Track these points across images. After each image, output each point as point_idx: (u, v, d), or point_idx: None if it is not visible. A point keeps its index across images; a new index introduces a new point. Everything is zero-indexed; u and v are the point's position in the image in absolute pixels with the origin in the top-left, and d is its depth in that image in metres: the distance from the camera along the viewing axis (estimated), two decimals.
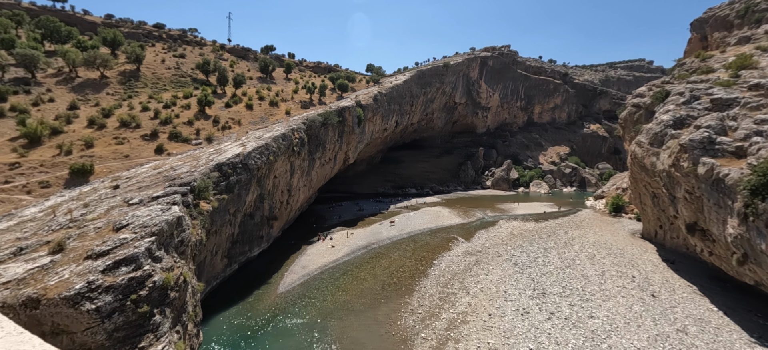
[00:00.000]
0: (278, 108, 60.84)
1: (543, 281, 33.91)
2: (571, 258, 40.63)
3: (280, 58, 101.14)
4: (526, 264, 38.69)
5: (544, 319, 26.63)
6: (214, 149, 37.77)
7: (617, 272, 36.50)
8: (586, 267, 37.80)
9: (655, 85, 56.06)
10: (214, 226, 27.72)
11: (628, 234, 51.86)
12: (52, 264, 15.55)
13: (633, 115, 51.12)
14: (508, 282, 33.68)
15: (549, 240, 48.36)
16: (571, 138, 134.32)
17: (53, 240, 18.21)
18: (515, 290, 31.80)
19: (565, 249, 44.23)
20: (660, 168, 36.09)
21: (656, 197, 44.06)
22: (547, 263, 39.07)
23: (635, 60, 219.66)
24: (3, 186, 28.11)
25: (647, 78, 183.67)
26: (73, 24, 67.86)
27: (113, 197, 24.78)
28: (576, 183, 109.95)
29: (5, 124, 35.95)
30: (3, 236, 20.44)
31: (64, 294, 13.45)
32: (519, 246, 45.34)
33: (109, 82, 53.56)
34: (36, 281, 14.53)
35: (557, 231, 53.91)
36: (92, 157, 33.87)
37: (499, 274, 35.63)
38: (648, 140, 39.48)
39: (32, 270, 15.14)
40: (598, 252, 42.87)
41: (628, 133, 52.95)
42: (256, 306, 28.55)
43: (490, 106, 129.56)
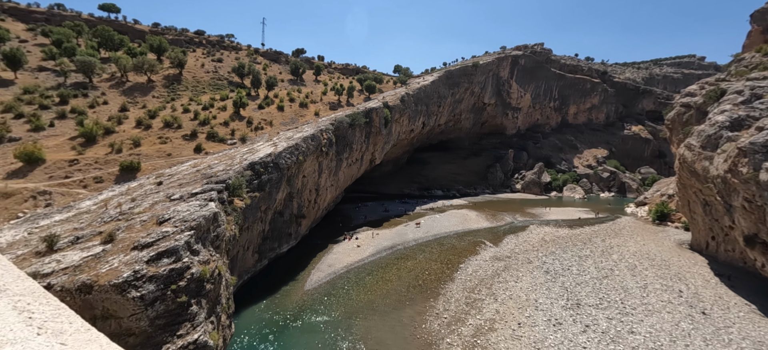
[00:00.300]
0: (308, 109, 62.44)
1: (578, 291, 32.12)
2: (609, 268, 38.18)
3: (310, 60, 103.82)
4: (559, 272, 36.85)
5: (578, 332, 25.19)
6: (247, 149, 39.41)
7: (662, 285, 33.79)
8: (626, 279, 35.34)
9: (708, 83, 51.44)
10: (246, 223, 28.88)
11: (674, 245, 47.89)
12: (103, 253, 16.91)
13: (682, 116, 47.17)
14: (540, 290, 32.23)
15: (584, 248, 45.78)
16: (609, 140, 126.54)
17: (105, 231, 19.78)
18: (547, 299, 30.36)
19: (602, 258, 41.66)
20: (714, 173, 32.98)
21: (708, 205, 40.31)
22: (582, 272, 36.97)
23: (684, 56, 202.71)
24: (63, 180, 31.02)
25: (698, 75, 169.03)
26: (124, 33, 73.73)
27: (157, 192, 26.54)
28: (615, 189, 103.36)
29: (66, 125, 39.70)
30: (63, 226, 22.53)
31: (113, 282, 14.56)
32: (551, 253, 43.30)
33: (154, 85, 57.60)
34: (89, 268, 15.86)
35: (594, 238, 50.91)
36: (139, 155, 36.52)
37: (530, 282, 34.20)
38: (700, 143, 36.24)
39: (87, 258, 16.54)
40: (639, 263, 39.94)
41: (675, 135, 48.92)
42: (284, 301, 29.39)
43: (521, 106, 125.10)
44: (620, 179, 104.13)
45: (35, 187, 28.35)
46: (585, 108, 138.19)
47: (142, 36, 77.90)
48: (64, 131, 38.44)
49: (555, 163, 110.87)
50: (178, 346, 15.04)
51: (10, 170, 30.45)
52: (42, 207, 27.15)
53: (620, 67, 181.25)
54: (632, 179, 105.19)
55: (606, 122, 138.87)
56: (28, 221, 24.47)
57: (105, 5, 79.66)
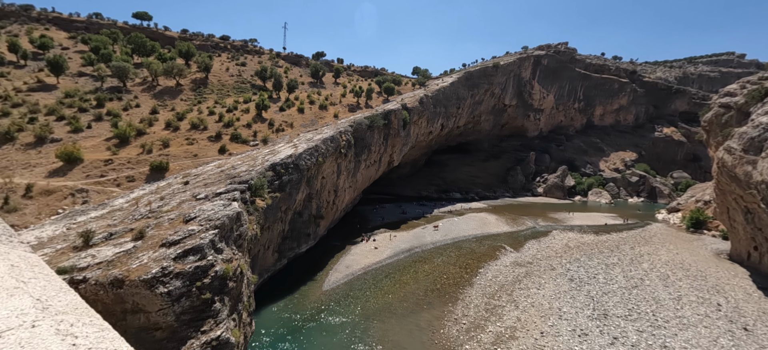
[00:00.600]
0: (327, 111, 63.23)
1: (604, 301, 30.69)
2: (638, 278, 36.28)
3: (330, 63, 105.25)
4: (584, 280, 35.37)
5: (605, 344, 24.03)
6: (269, 150, 40.34)
7: (698, 297, 31.73)
8: (658, 289, 33.45)
9: (749, 82, 48.15)
10: (267, 222, 29.50)
11: (711, 255, 44.98)
12: (134, 249, 17.69)
13: (721, 117, 44.32)
14: (563, 298, 31.04)
15: (612, 256, 43.77)
16: (638, 142, 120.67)
17: (136, 228, 20.71)
18: (571, 308, 29.18)
19: (631, 267, 39.67)
20: (758, 178, 30.72)
21: (750, 213, 37.57)
22: (609, 281, 35.32)
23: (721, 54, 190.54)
24: (99, 179, 32.84)
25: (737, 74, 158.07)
26: (156, 39, 77.48)
27: (183, 192, 27.58)
28: (644, 194, 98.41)
29: (102, 127, 42.07)
30: (98, 222, 23.79)
31: (142, 277, 15.19)
32: (576, 261, 41.66)
33: (182, 89, 60.10)
34: (121, 263, 16.63)
35: (622, 245, 48.61)
36: (168, 155, 38.14)
37: (553, 289, 33.00)
38: (741, 146, 33.88)
39: (119, 254, 17.36)
40: (672, 273, 37.73)
41: (713, 138, 46.01)
42: (302, 301, 29.78)
43: (544, 107, 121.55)
44: (650, 184, 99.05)
45: (74, 185, 30.15)
46: (612, 109, 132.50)
47: (171, 42, 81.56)
48: (100, 132, 40.75)
49: (579, 166, 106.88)
50: (201, 342, 15.49)
51: (52, 169, 32.55)
52: (79, 204, 28.83)
53: (651, 66, 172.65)
54: (664, 184, 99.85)
55: (635, 124, 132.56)
56: (67, 217, 26.03)
57: (138, 13, 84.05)
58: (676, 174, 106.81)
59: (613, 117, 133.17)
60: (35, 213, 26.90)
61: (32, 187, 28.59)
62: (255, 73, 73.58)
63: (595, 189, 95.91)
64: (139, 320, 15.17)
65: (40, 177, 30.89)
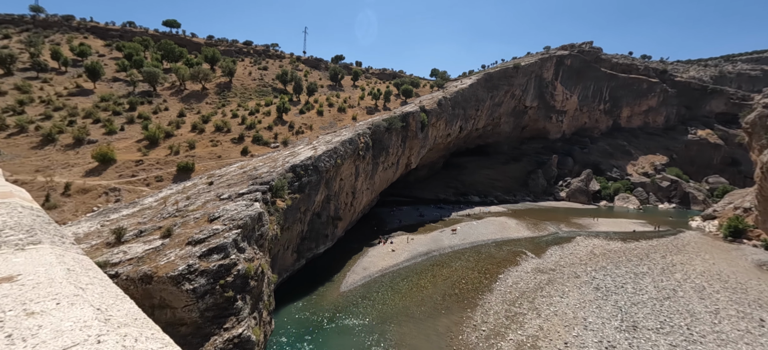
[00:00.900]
0: (346, 114, 63.82)
1: (633, 312, 29.20)
2: (671, 289, 34.33)
3: (349, 66, 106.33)
4: (611, 289, 33.82)
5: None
6: (289, 152, 41.11)
7: (737, 312, 29.64)
8: (693, 302, 31.50)
9: None
10: (286, 223, 30.02)
11: (752, 266, 41.99)
12: (162, 247, 18.42)
13: (765, 119, 41.40)
14: (589, 308, 29.78)
15: (641, 265, 41.67)
16: (669, 145, 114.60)
17: (164, 226, 21.57)
18: (597, 318, 27.95)
19: (662, 277, 37.60)
20: None
21: None
22: (638, 291, 33.61)
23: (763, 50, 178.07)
24: (130, 179, 34.50)
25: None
26: (184, 45, 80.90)
27: (208, 192, 28.51)
28: (676, 200, 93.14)
29: (134, 129, 44.24)
30: (129, 220, 24.95)
31: (170, 274, 15.77)
32: (602, 269, 39.93)
33: (208, 93, 62.36)
34: (150, 260, 17.35)
35: (652, 254, 46.20)
36: (194, 156, 39.60)
37: (577, 298, 31.74)
38: None
39: (148, 251, 18.12)
40: (709, 285, 35.47)
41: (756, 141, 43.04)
42: (320, 302, 30.04)
43: (567, 109, 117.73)
44: (683, 189, 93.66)
45: (107, 184, 31.82)
46: (640, 110, 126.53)
47: (198, 48, 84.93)
48: (132, 134, 42.87)
49: (605, 170, 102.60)
50: (224, 339, 15.89)
51: (88, 168, 34.51)
52: (112, 202, 30.39)
53: (683, 65, 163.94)
54: (698, 189, 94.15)
55: (665, 126, 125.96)
56: (101, 214, 27.47)
57: (168, 21, 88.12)
58: (711, 179, 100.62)
59: (641, 118, 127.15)
60: (73, 211, 28.57)
61: (70, 186, 30.40)
62: (276, 76, 75.37)
63: (622, 195, 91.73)
64: (165, 315, 15.75)
65: (78, 176, 32.80)
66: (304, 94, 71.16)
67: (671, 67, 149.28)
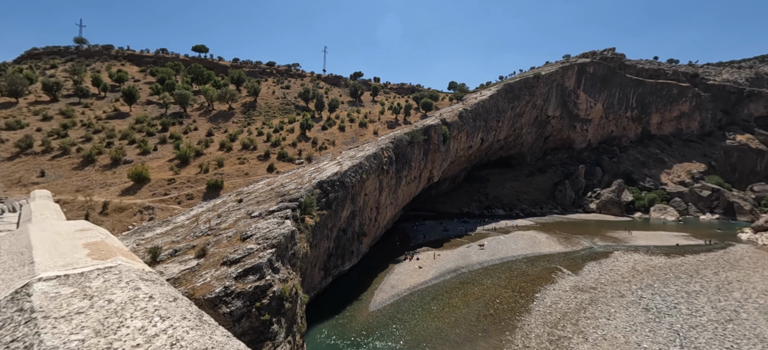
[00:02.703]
0: (367, 128, 63.95)
1: (693, 336, 26.50)
2: (732, 310, 31.14)
3: (368, 82, 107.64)
4: (662, 311, 31.05)
5: None
6: (314, 168, 41.13)
7: None
8: (761, 325, 28.34)
9: None
10: (315, 240, 29.55)
11: None
12: (197, 267, 18.22)
13: None
14: (641, 332, 27.29)
15: (692, 282, 38.34)
16: (707, 152, 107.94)
17: (197, 245, 21.50)
18: (653, 343, 25.49)
19: (718, 296, 34.30)
20: None
21: None
22: (694, 313, 30.67)
23: None
24: (163, 197, 35.27)
25: None
26: (211, 68, 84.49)
27: (238, 209, 28.57)
28: (719, 210, 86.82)
29: (166, 148, 45.72)
30: (163, 239, 25.15)
31: (207, 296, 15.40)
32: (648, 287, 36.98)
33: (234, 112, 64.22)
34: (187, 281, 17.11)
35: (702, 270, 42.57)
36: (222, 174, 40.28)
37: (626, 320, 29.25)
38: None
39: (184, 271, 17.94)
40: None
41: None
42: (350, 322, 29.07)
43: (591, 117, 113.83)
44: (726, 198, 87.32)
45: (142, 203, 32.61)
46: (672, 116, 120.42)
47: (225, 70, 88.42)
48: (164, 154, 44.27)
49: (637, 180, 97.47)
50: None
51: (124, 188, 35.62)
52: (146, 221, 31.01)
53: (715, 68, 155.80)
54: (743, 198, 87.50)
55: (701, 132, 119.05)
56: (136, 233, 27.98)
57: (197, 47, 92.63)
58: (757, 187, 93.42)
59: (673, 125, 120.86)
60: (110, 228, 29.26)
61: (108, 205, 31.32)
62: (298, 94, 76.99)
63: (658, 205, 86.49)
64: None
65: (115, 195, 33.85)
66: (325, 111, 72.10)
67: (702, 71, 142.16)
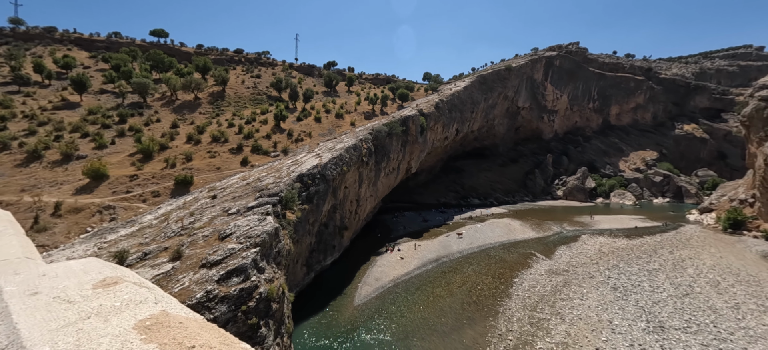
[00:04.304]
0: (344, 120, 62.63)
1: (657, 311, 28.65)
2: (687, 285, 34.04)
3: (342, 72, 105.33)
4: (628, 289, 33.31)
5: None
6: (292, 161, 39.58)
7: (758, 306, 29.42)
8: (712, 297, 31.20)
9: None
10: (297, 235, 28.49)
11: (758, 257, 42.29)
12: (173, 271, 16.77)
13: (761, 111, 42.06)
14: (611, 309, 29.10)
15: (651, 261, 41.48)
16: (659, 141, 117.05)
17: (170, 246, 19.87)
18: (622, 320, 27.25)
19: (675, 273, 37.39)
20: None
21: None
22: (656, 289, 33.19)
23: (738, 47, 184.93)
24: (125, 195, 32.40)
25: (758, 67, 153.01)
26: (173, 55, 78.50)
27: (213, 206, 26.80)
28: (670, 194, 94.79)
29: (126, 142, 41.98)
30: (129, 241, 23.06)
31: (187, 303, 14.17)
32: (614, 267, 39.54)
33: (201, 102, 60.24)
34: (162, 287, 15.68)
35: (659, 250, 46.19)
36: (191, 169, 37.69)
37: (597, 299, 31.06)
38: None
39: (158, 276, 16.45)
40: (722, 279, 35.35)
41: (755, 133, 43.68)
42: (336, 317, 28.51)
43: (558, 109, 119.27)
44: (676, 183, 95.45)
45: (101, 202, 29.72)
46: (629, 108, 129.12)
47: (188, 57, 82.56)
48: (124, 148, 40.63)
49: (599, 168, 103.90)
50: None
51: (78, 186, 32.27)
52: (107, 222, 28.32)
53: (665, 63, 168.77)
54: (689, 183, 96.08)
55: (654, 122, 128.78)
56: (97, 235, 25.45)
57: (155, 31, 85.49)
58: (701, 172, 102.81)
59: (630, 116, 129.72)
60: (64, 232, 26.43)
61: (61, 206, 28.22)
62: (270, 84, 73.68)
63: (617, 191, 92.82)
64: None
65: (68, 194, 30.58)
66: (300, 101, 69.68)
67: (655, 65, 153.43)
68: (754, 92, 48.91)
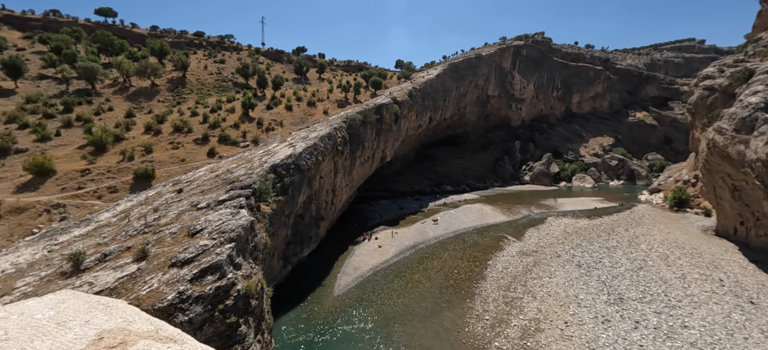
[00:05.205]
0: (316, 108, 60.92)
1: (616, 284, 31.04)
2: (641, 259, 37.16)
3: (312, 58, 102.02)
4: (591, 265, 35.77)
5: (629, 329, 24.10)
6: (263, 151, 37.92)
7: (700, 275, 32.78)
8: (662, 269, 34.31)
9: (726, 65, 50.38)
10: (272, 228, 27.50)
11: (699, 232, 46.96)
12: (139, 272, 15.50)
13: (705, 99, 46.09)
14: (577, 285, 31.13)
15: (610, 239, 44.77)
16: (615, 128, 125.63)
17: (134, 246, 18.36)
18: (587, 295, 29.26)
19: (631, 249, 40.65)
20: (752, 157, 31.88)
21: (737, 190, 39.32)
22: (614, 264, 35.93)
23: (683, 40, 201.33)
24: (76, 192, 29.51)
25: (699, 59, 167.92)
26: (123, 37, 71.66)
27: (179, 201, 25.08)
28: (624, 177, 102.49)
29: (74, 133, 38.05)
30: (85, 242, 21.07)
31: (157, 305, 13.18)
32: (578, 246, 42.24)
33: (159, 89, 55.81)
34: (127, 290, 14.46)
35: (616, 228, 49.93)
36: (152, 161, 35.01)
37: (564, 277, 33.09)
38: (733, 126, 35.13)
39: (122, 279, 15.13)
40: (670, 252, 38.95)
41: (699, 120, 47.87)
42: (316, 309, 28.12)
43: (525, 97, 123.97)
44: (629, 167, 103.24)
45: (49, 200, 26.85)
46: (589, 96, 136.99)
47: (141, 40, 75.84)
48: (71, 140, 36.81)
49: (562, 153, 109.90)
50: None
51: (20, 183, 28.90)
52: (57, 222, 25.68)
53: (621, 54, 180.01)
54: (640, 166, 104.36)
55: (610, 110, 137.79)
56: (46, 237, 23.01)
57: (101, 10, 77.39)
58: (650, 156, 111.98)
59: (590, 104, 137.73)
60: (6, 235, 23.66)
61: (0, 205, 25.16)
62: (236, 70, 69.73)
63: (578, 175, 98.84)
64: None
65: (8, 192, 27.30)
66: (269, 89, 66.70)
67: (612, 56, 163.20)
68: (699, 82, 53.35)
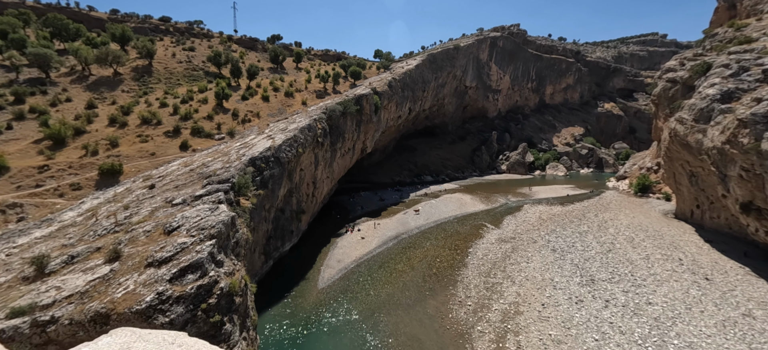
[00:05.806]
0: (294, 98, 59.33)
1: (588, 267, 32.85)
2: (609, 242, 39.46)
3: (289, 47, 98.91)
4: (565, 249, 37.59)
5: (600, 307, 25.65)
6: (240, 143, 36.59)
7: (662, 255, 35.31)
8: (628, 251, 36.63)
9: (686, 58, 53.63)
10: (253, 223, 26.78)
11: (660, 215, 50.40)
12: (112, 274, 14.63)
13: (668, 91, 49.01)
14: (552, 269, 32.66)
15: (581, 224, 47.15)
16: (585, 118, 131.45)
17: (104, 246, 17.31)
18: (562, 278, 30.78)
19: (600, 233, 43.04)
20: (708, 145, 34.39)
21: (694, 176, 42.42)
22: (586, 248, 37.95)
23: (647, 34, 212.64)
24: (35, 190, 27.32)
25: (661, 53, 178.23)
26: (79, 21, 66.15)
27: (151, 198, 23.82)
28: (593, 165, 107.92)
29: (27, 127, 34.97)
30: (48, 243, 19.63)
31: (135, 308, 12.52)
32: (552, 232, 44.19)
33: (123, 78, 52.24)
34: (100, 293, 13.63)
35: (587, 214, 52.61)
36: (119, 156, 32.91)
37: (540, 261, 34.60)
38: (692, 116, 37.65)
39: (93, 281, 14.23)
40: (636, 235, 41.61)
41: (662, 110, 50.91)
42: (300, 303, 27.85)
43: (501, 88, 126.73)
44: (598, 155, 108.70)
45: (3, 200, 24.66)
46: (561, 88, 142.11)
47: (100, 24, 70.37)
48: (25, 134, 33.83)
49: (536, 143, 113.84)
50: None
51: None
52: (14, 223, 23.68)
53: (591, 47, 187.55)
54: (608, 154, 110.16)
55: (581, 101, 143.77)
56: (2, 240, 21.17)
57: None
58: (617, 145, 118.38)
59: (562, 95, 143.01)
60: None
61: None
62: (207, 58, 66.38)
63: (551, 164, 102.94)
64: None
65: None
66: (244, 78, 64.12)
67: (582, 48, 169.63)
68: (662, 74, 56.53)
